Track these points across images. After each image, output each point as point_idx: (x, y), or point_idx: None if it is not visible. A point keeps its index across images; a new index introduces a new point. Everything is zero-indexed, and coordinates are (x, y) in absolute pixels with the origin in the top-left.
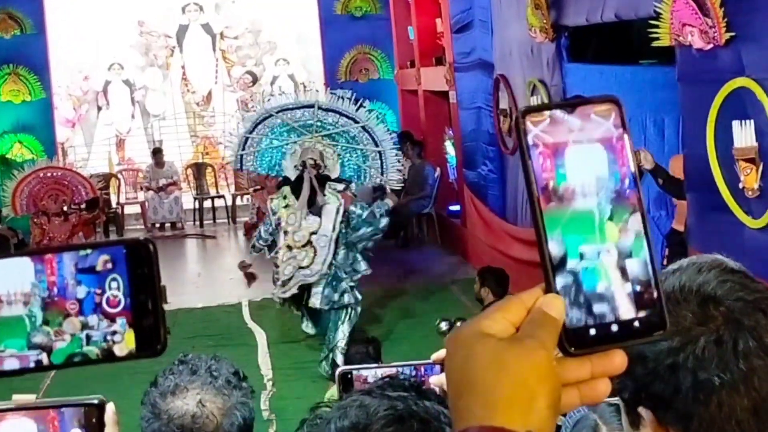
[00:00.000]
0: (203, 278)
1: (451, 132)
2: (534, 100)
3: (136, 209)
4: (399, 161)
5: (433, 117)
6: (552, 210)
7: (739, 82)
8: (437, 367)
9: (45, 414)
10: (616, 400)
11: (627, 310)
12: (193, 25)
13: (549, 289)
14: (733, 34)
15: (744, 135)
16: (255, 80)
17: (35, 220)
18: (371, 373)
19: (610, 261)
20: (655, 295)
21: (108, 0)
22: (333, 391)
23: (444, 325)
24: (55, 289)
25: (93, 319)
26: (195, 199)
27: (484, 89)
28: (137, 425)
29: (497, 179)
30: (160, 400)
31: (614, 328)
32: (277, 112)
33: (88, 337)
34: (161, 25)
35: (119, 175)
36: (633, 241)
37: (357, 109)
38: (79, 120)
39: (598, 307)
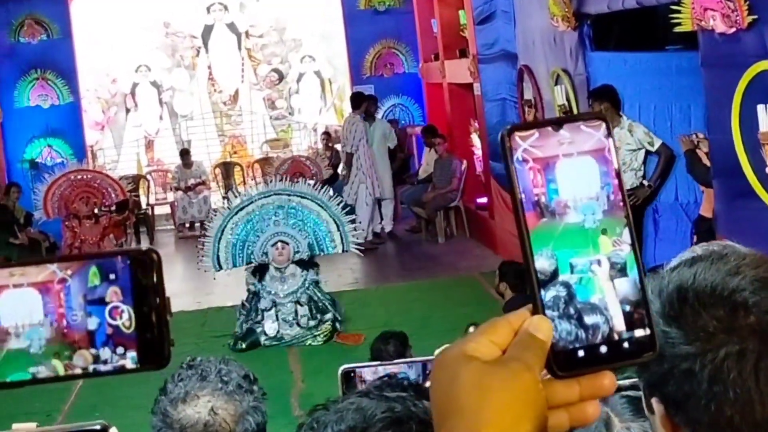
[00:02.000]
0: (232, 277)
1: (476, 124)
2: (558, 90)
3: (165, 210)
4: (355, 228)
5: (459, 109)
6: (544, 225)
7: (763, 65)
8: None
9: None
10: (627, 392)
11: (617, 331)
12: (218, 24)
13: (536, 310)
14: (755, 16)
15: None
16: (281, 78)
17: (66, 223)
18: (374, 371)
19: (603, 276)
20: (646, 315)
21: (133, 2)
22: None
23: (472, 330)
24: (64, 322)
25: (105, 352)
26: (224, 198)
27: (508, 80)
28: None
29: None
30: (171, 409)
31: (603, 349)
32: (236, 213)
33: (96, 371)
34: (186, 26)
35: (148, 176)
36: (626, 256)
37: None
38: (107, 122)
39: (589, 325)
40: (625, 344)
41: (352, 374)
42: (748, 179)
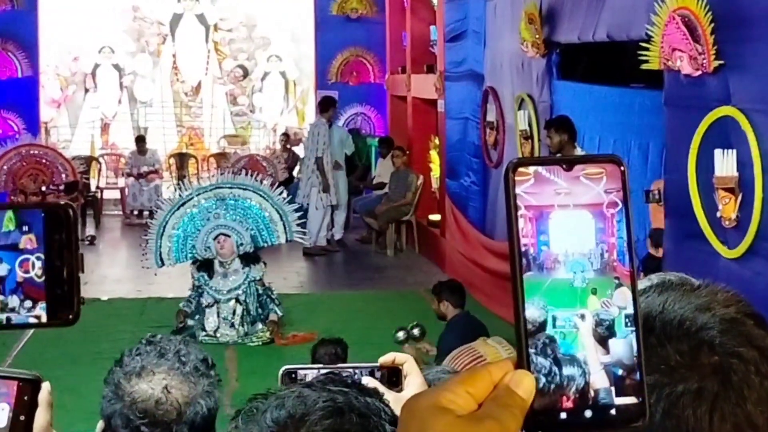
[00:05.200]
0: (176, 268)
1: (437, 140)
2: (521, 115)
3: (115, 195)
4: (298, 217)
5: (420, 124)
6: (530, 278)
7: (725, 110)
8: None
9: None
10: None
11: (604, 395)
12: (187, 14)
13: (521, 363)
14: (722, 62)
15: (725, 164)
16: (245, 74)
17: (12, 197)
18: (315, 373)
19: (589, 340)
20: (639, 381)
21: None
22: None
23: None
24: None
25: (13, 300)
26: (175, 188)
27: (472, 100)
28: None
29: (479, 191)
30: (125, 381)
31: (588, 414)
32: (178, 207)
33: (9, 320)
34: (155, 12)
35: (101, 159)
36: (617, 318)
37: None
38: (65, 101)
39: (572, 388)
40: (613, 410)
41: (294, 375)
42: (698, 222)
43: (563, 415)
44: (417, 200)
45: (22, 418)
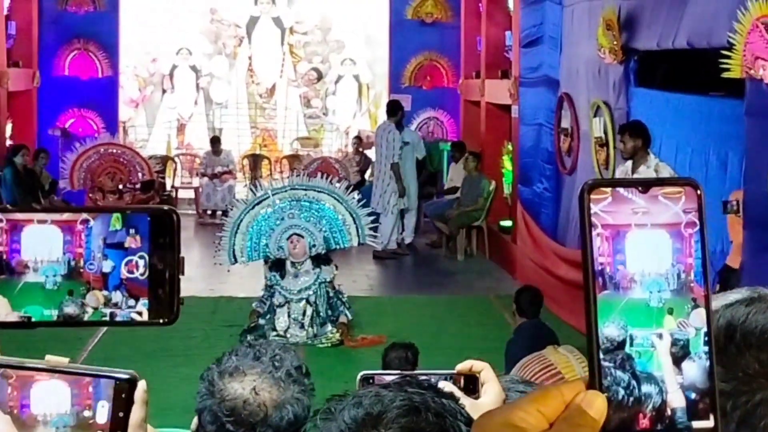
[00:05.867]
0: (248, 268)
1: (510, 146)
2: (596, 122)
3: (189, 194)
4: (371, 221)
5: (494, 130)
6: (606, 296)
7: None
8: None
9: (80, 380)
10: None
11: (680, 416)
12: (263, 17)
13: (593, 384)
14: None
15: None
16: (320, 77)
17: (90, 195)
18: (393, 378)
19: (666, 360)
20: (713, 404)
21: None
22: None
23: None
24: (82, 261)
25: (117, 296)
26: (249, 189)
27: (547, 106)
28: (157, 405)
29: (552, 198)
30: (218, 379)
31: None
32: (253, 207)
33: (112, 315)
34: (232, 15)
35: (176, 159)
36: (692, 340)
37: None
38: (142, 101)
39: (649, 406)
40: None
41: (372, 380)
42: None
43: None
44: (489, 206)
45: (120, 414)
